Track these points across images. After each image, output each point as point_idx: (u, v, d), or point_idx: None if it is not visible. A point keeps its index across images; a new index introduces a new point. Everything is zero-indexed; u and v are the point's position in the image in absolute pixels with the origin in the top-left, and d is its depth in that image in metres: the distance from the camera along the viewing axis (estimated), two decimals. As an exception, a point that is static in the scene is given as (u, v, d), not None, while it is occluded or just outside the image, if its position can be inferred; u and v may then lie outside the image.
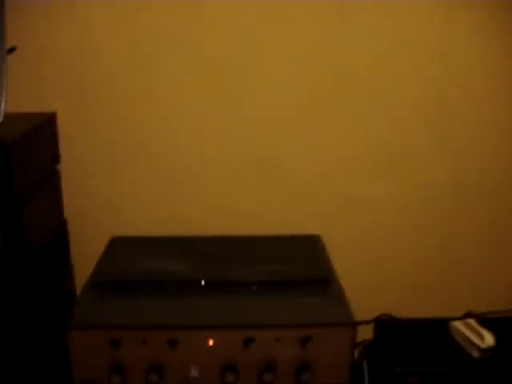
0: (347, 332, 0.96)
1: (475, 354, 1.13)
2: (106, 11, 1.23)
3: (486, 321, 1.20)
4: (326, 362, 0.97)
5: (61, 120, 1.22)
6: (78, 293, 1.18)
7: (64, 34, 1.23)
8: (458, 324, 1.21)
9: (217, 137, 1.33)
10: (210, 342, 0.95)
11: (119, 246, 1.20)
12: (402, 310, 1.26)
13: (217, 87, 1.29)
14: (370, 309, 1.15)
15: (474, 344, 1.13)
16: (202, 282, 1.06)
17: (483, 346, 1.12)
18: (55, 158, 1.20)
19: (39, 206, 1.07)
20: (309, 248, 1.20)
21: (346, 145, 1.35)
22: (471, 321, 1.20)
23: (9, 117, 0.97)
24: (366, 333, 1.17)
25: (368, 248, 1.42)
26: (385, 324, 1.22)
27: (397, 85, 1.31)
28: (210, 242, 1.22)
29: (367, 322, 1.01)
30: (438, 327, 1.24)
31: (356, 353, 1.14)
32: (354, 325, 0.95)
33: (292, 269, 1.11)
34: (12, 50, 0.99)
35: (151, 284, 1.06)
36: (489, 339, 1.12)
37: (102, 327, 0.95)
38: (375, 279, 1.42)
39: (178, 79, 1.28)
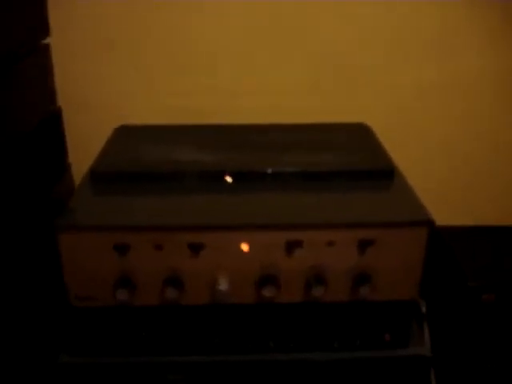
0: (421, 233, 0.74)
1: (562, 266, 0.94)
2: None
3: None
4: (391, 273, 0.76)
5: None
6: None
7: None
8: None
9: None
10: (245, 247, 0.74)
11: (127, 135, 0.97)
12: (447, 216, 1.05)
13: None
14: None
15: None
16: (229, 174, 0.84)
17: None
18: (43, 28, 0.95)
19: (24, 83, 0.83)
20: (359, 136, 0.96)
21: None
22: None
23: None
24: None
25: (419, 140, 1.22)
26: (443, 230, 1.02)
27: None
28: (236, 130, 0.98)
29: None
30: (502, 235, 1.06)
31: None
32: (431, 224, 0.73)
33: (344, 158, 0.88)
34: None
35: (166, 176, 0.83)
36: None
37: (103, 228, 0.73)
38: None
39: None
